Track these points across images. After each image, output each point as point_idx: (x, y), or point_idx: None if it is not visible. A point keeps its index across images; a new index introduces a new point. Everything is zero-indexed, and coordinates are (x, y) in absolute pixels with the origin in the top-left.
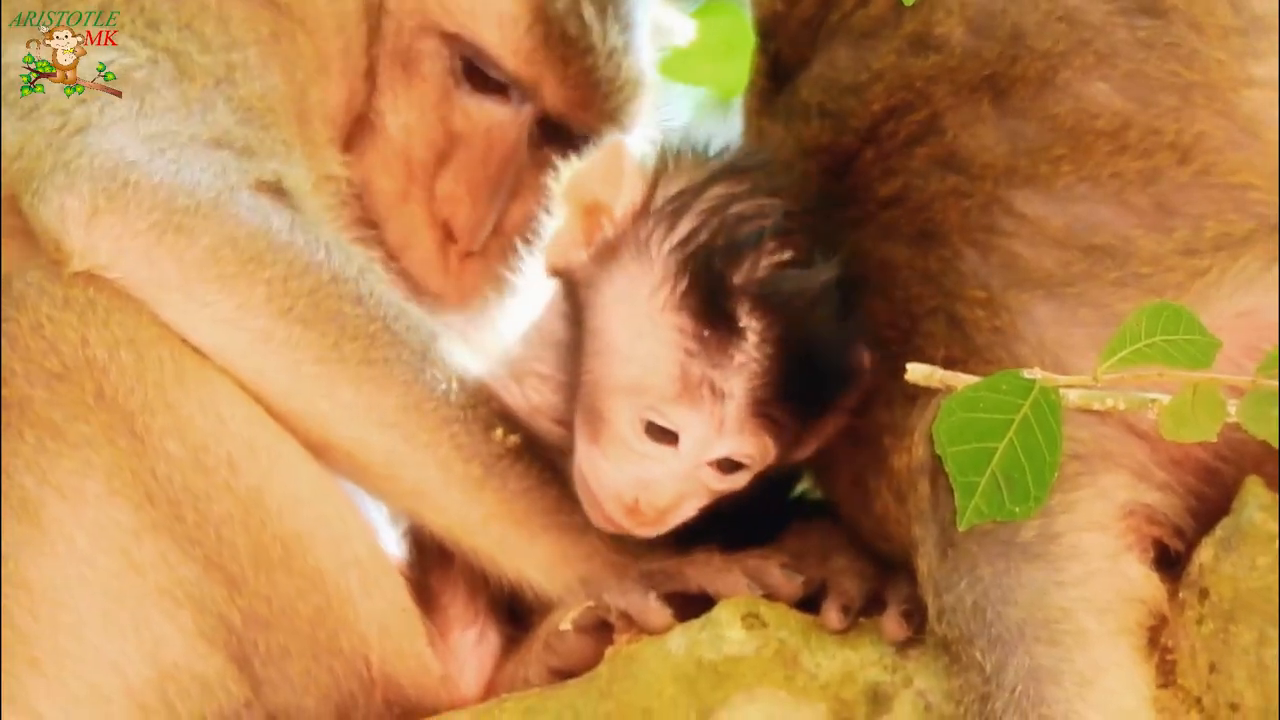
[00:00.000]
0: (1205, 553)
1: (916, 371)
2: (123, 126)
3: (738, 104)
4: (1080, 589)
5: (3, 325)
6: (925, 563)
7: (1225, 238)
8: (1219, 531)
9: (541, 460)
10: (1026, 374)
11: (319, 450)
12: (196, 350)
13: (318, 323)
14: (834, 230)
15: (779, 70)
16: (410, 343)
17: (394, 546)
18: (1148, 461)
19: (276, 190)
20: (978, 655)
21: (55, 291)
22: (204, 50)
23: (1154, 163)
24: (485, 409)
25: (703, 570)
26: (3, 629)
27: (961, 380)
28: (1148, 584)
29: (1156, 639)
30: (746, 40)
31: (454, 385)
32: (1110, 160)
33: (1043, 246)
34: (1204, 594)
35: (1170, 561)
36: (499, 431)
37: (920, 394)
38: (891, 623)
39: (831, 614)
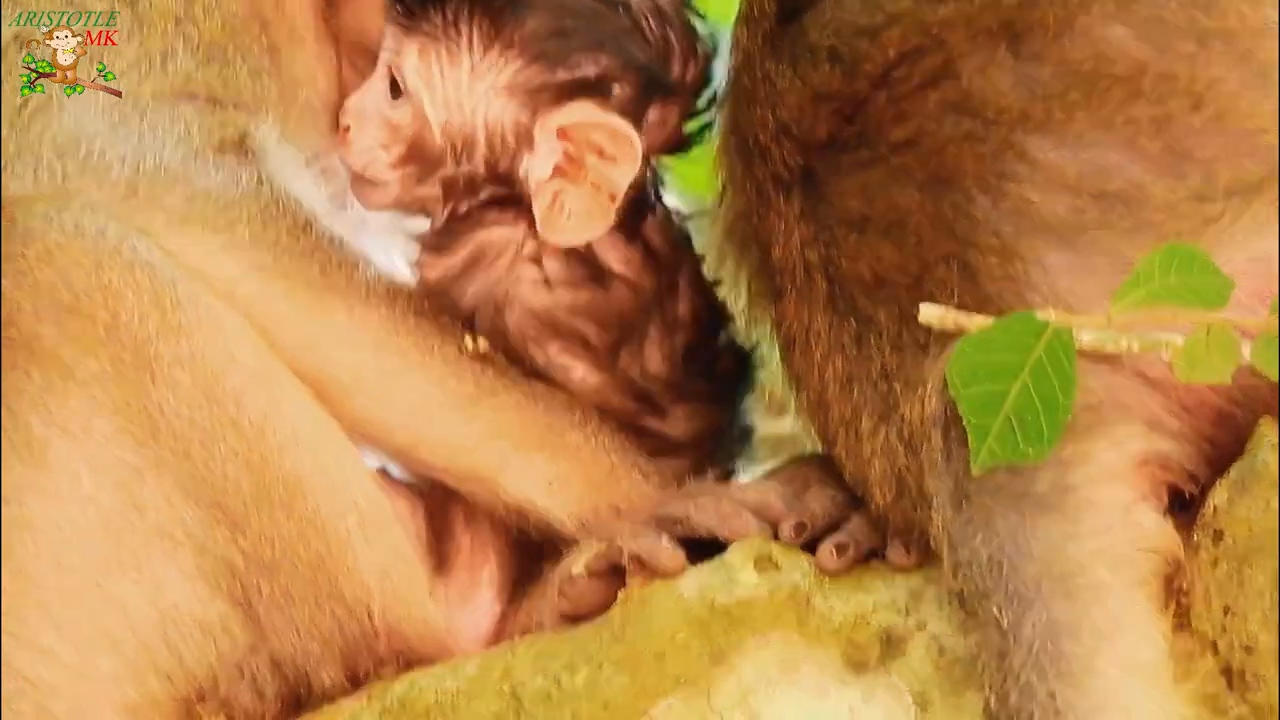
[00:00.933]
0: (1219, 495)
1: (929, 312)
2: (82, 99)
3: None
4: (1096, 541)
5: (6, 262)
6: (939, 516)
7: (1238, 183)
8: (1232, 474)
9: (512, 371)
10: (1040, 315)
11: (319, 387)
12: (205, 281)
13: (302, 254)
14: None
15: (786, 7)
16: (378, 274)
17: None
18: (1160, 410)
19: (242, 147)
20: (994, 610)
21: (65, 220)
22: None
23: (1167, 109)
24: (448, 319)
25: (712, 514)
26: (6, 572)
27: (974, 322)
28: (1163, 533)
29: (1171, 585)
30: None
31: (422, 300)
32: (1124, 106)
33: (1056, 193)
34: (1218, 536)
35: (1184, 506)
36: (466, 340)
37: (931, 343)
38: (897, 551)
39: (825, 553)
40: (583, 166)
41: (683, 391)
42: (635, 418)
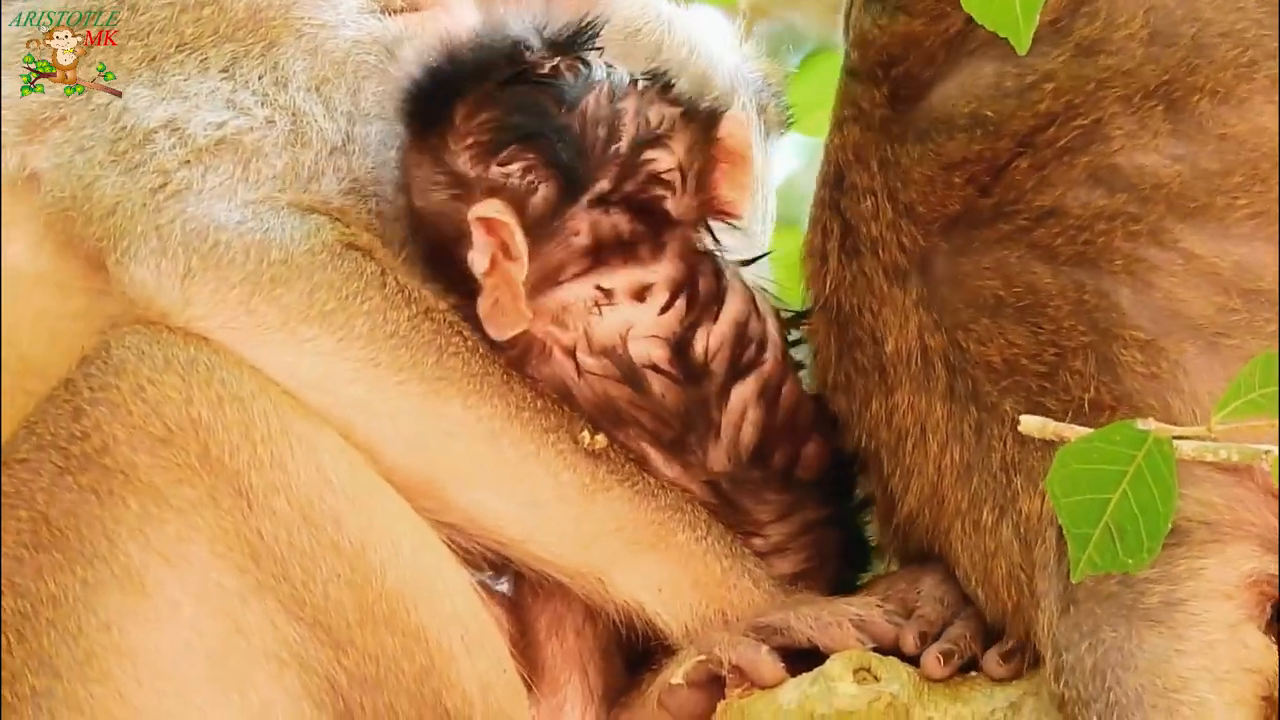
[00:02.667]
0: None
1: (1030, 423)
2: (221, 193)
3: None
4: (1201, 658)
5: (102, 392)
6: (1045, 617)
7: None
8: None
9: (629, 465)
10: (1140, 425)
11: (429, 480)
12: (300, 404)
13: (419, 345)
14: None
15: (903, 94)
16: (493, 358)
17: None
18: (1276, 525)
19: (367, 252)
20: (1094, 719)
21: (155, 353)
22: (328, 115)
23: None
24: (566, 410)
25: (812, 624)
26: (109, 700)
27: (1075, 432)
28: (1267, 654)
29: (1271, 701)
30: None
31: (538, 391)
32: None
33: (1206, 289)
34: None
35: None
36: (585, 433)
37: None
38: (992, 663)
39: (930, 661)
40: (500, 265)
41: (760, 491)
42: (718, 513)
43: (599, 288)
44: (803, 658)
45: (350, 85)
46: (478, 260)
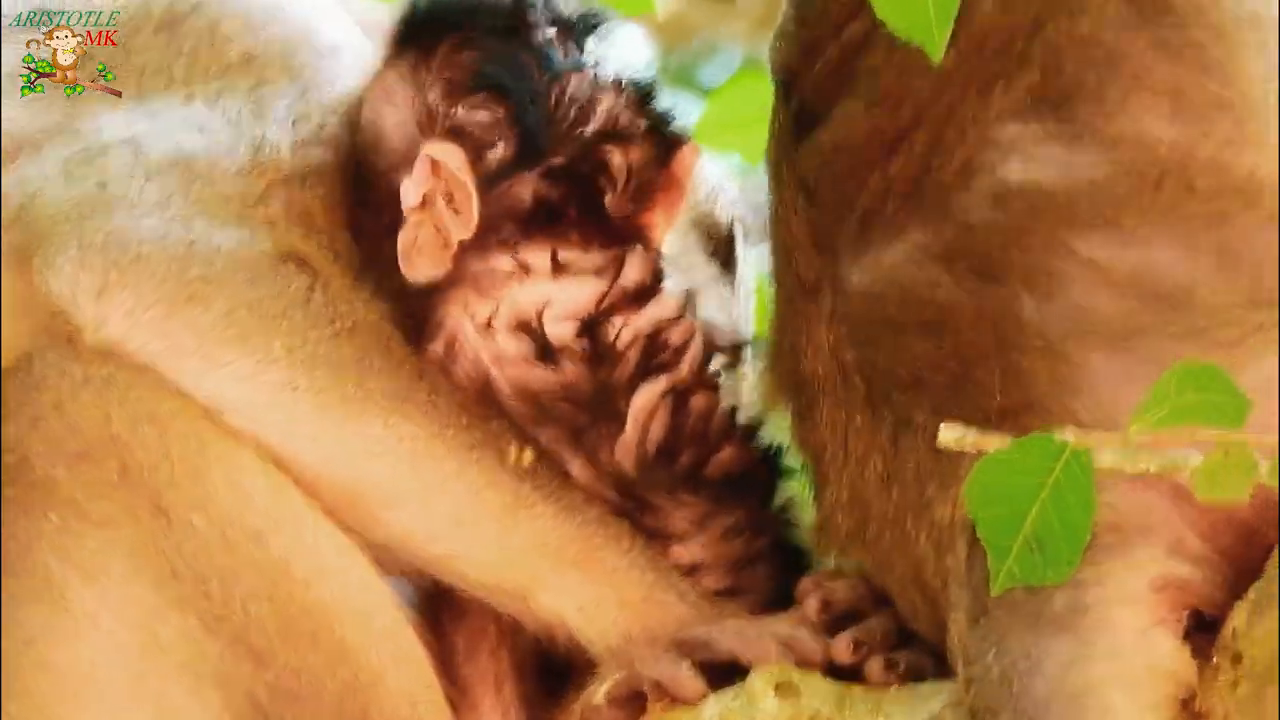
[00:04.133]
0: (1238, 617)
1: (948, 434)
2: (155, 207)
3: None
4: (1109, 664)
5: (23, 406)
6: (956, 628)
7: None
8: (1251, 595)
9: (555, 480)
10: (1058, 436)
11: (351, 500)
12: (218, 422)
13: (340, 364)
14: None
15: (806, 108)
16: (423, 371)
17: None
18: (1187, 531)
19: (302, 261)
20: None
21: (74, 370)
22: (293, 149)
23: (1222, 205)
24: (494, 425)
25: (735, 638)
26: (29, 714)
27: (994, 443)
28: (1178, 658)
29: (1190, 708)
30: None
31: (467, 405)
32: (1179, 202)
33: (1107, 294)
34: (1237, 658)
35: (1207, 628)
36: (512, 450)
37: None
38: (875, 667)
39: (875, 667)
40: (435, 206)
41: (673, 492)
42: (632, 517)
43: (520, 260)
44: (727, 673)
45: (329, 123)
46: (410, 192)
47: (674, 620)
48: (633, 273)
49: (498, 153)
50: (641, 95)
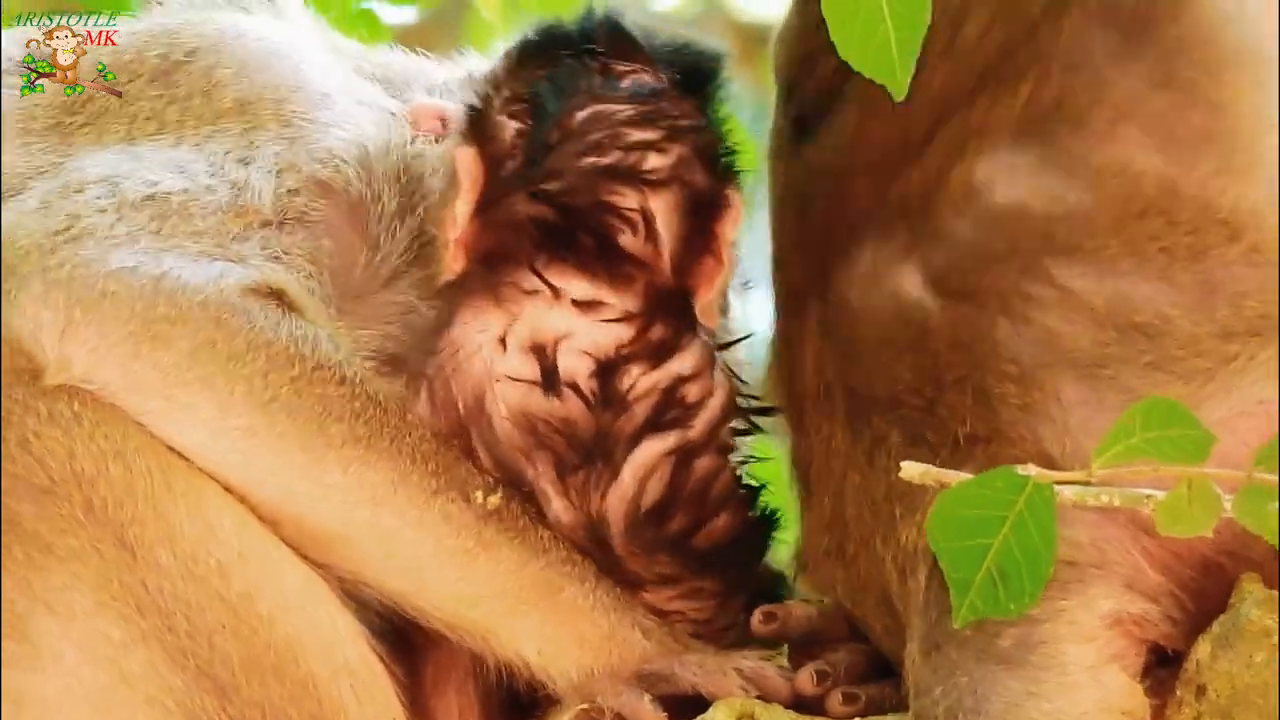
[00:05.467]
0: (1202, 650)
1: (911, 469)
2: (125, 241)
3: None
4: (1058, 701)
5: None
6: (909, 660)
7: (1263, 321)
8: (1216, 628)
9: (521, 520)
10: (1020, 470)
11: (312, 540)
12: (184, 459)
13: (301, 409)
14: None
15: (806, 114)
16: (392, 409)
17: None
18: (1144, 566)
19: (276, 295)
20: None
21: (39, 407)
22: (275, 196)
23: (1204, 238)
24: (463, 468)
25: (697, 671)
26: None
27: (956, 477)
28: (1130, 696)
29: None
30: None
31: (432, 443)
32: (1160, 233)
33: (1082, 323)
34: (1201, 691)
35: (1169, 661)
36: (478, 494)
37: (936, 465)
38: (834, 700)
39: (803, 678)
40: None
41: (652, 551)
42: (601, 565)
43: (549, 283)
44: (690, 707)
45: (311, 178)
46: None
47: (637, 657)
48: (662, 327)
49: (510, 165)
50: (699, 145)
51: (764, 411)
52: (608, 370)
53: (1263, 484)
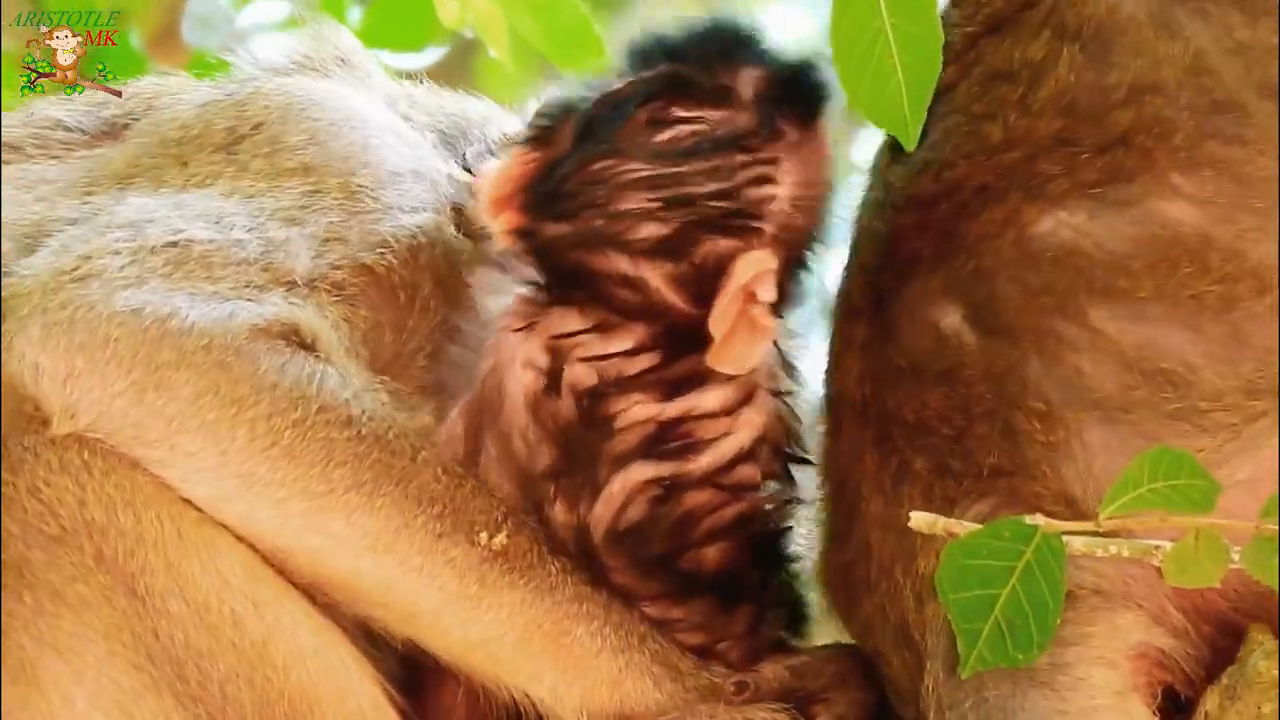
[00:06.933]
0: (1210, 700)
1: (920, 519)
2: (132, 281)
3: None
4: None
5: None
6: (931, 678)
7: None
8: (1224, 679)
9: (530, 556)
10: (1029, 520)
11: (314, 586)
12: (195, 507)
13: (304, 455)
14: None
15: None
16: (401, 450)
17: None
18: (1168, 605)
19: (288, 335)
20: None
21: (50, 456)
22: (313, 260)
23: (1234, 290)
24: (473, 505)
25: None
26: None
27: (964, 528)
28: None
29: None
30: None
31: (443, 481)
32: (1191, 281)
33: (1110, 365)
34: None
35: (1180, 708)
36: (483, 535)
37: (961, 497)
38: None
39: None
40: None
41: (635, 567)
42: (597, 576)
43: (578, 299)
44: None
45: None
46: None
47: (646, 704)
48: (686, 364)
49: (542, 187)
50: (709, 219)
51: (799, 461)
52: (603, 392)
53: (1270, 534)
